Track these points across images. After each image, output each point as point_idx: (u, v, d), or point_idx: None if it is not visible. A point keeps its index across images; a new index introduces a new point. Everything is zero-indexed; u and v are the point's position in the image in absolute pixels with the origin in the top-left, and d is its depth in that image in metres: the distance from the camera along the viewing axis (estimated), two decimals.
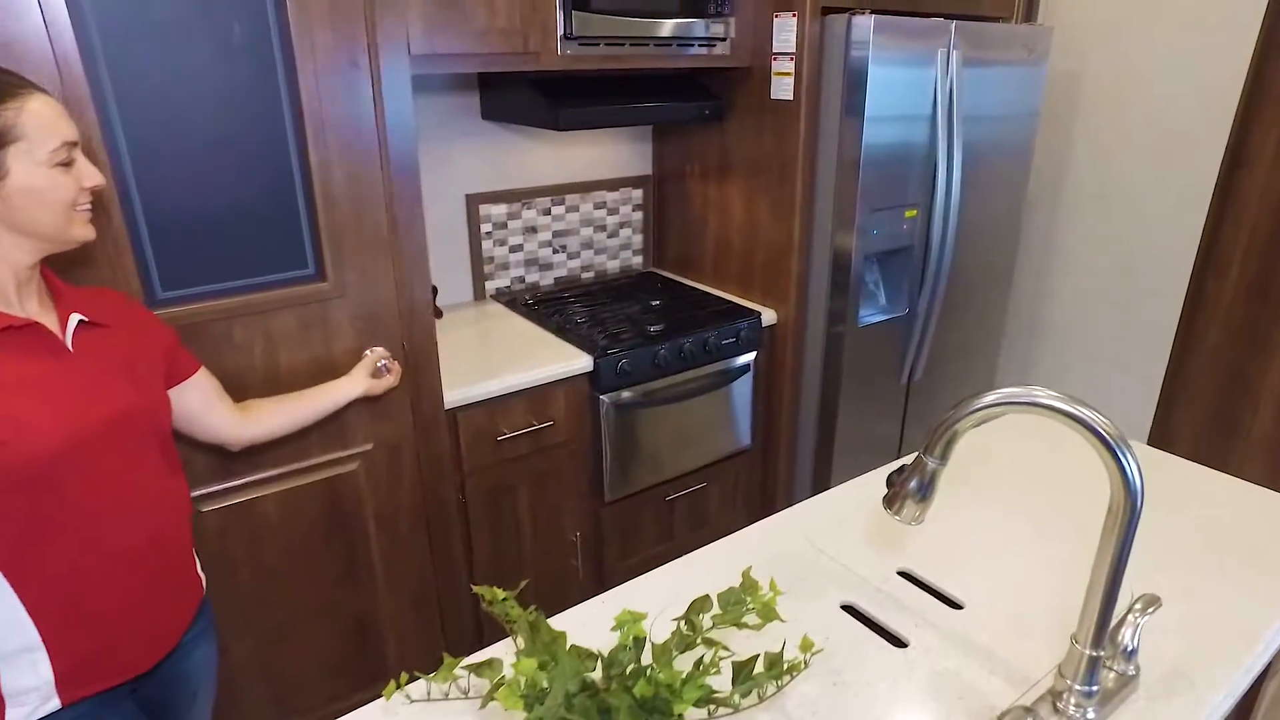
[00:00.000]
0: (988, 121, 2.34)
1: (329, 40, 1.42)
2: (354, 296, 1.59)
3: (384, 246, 1.61)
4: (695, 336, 2.17)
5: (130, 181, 1.31)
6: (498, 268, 2.49)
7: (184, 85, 1.31)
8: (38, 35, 1.18)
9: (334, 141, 1.49)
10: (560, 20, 1.85)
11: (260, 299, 1.49)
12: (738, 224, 2.42)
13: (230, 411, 1.34)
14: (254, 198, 1.44)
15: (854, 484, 1.46)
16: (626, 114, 2.07)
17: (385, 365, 1.61)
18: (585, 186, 2.58)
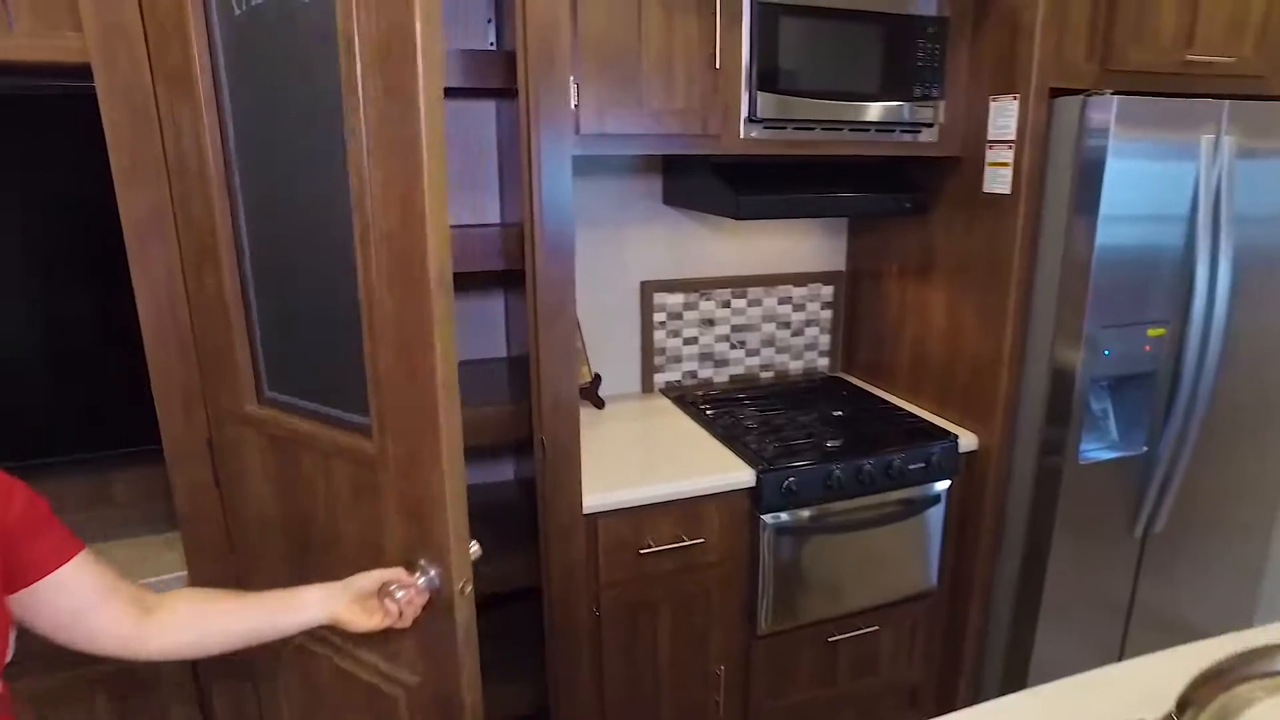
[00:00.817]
0: (1268, 224, 1.91)
1: None
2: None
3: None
4: (879, 458, 1.89)
5: (249, 281, 1.28)
6: (669, 360, 2.35)
7: (302, 187, 1.20)
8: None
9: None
10: (744, 101, 1.72)
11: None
12: (938, 331, 2.13)
13: (125, 614, 0.96)
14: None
15: (1069, 686, 1.12)
16: (815, 204, 1.88)
17: (399, 594, 1.10)
18: (770, 280, 2.40)
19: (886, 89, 1.82)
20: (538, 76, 1.39)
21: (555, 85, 1.40)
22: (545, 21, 1.37)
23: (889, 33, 1.78)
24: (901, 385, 2.30)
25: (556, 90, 1.40)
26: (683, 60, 1.66)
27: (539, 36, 1.37)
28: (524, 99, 1.41)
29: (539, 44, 1.37)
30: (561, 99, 1.41)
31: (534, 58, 1.38)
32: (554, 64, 1.39)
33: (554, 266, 1.48)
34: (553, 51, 1.38)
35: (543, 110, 1.40)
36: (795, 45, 1.71)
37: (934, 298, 2.13)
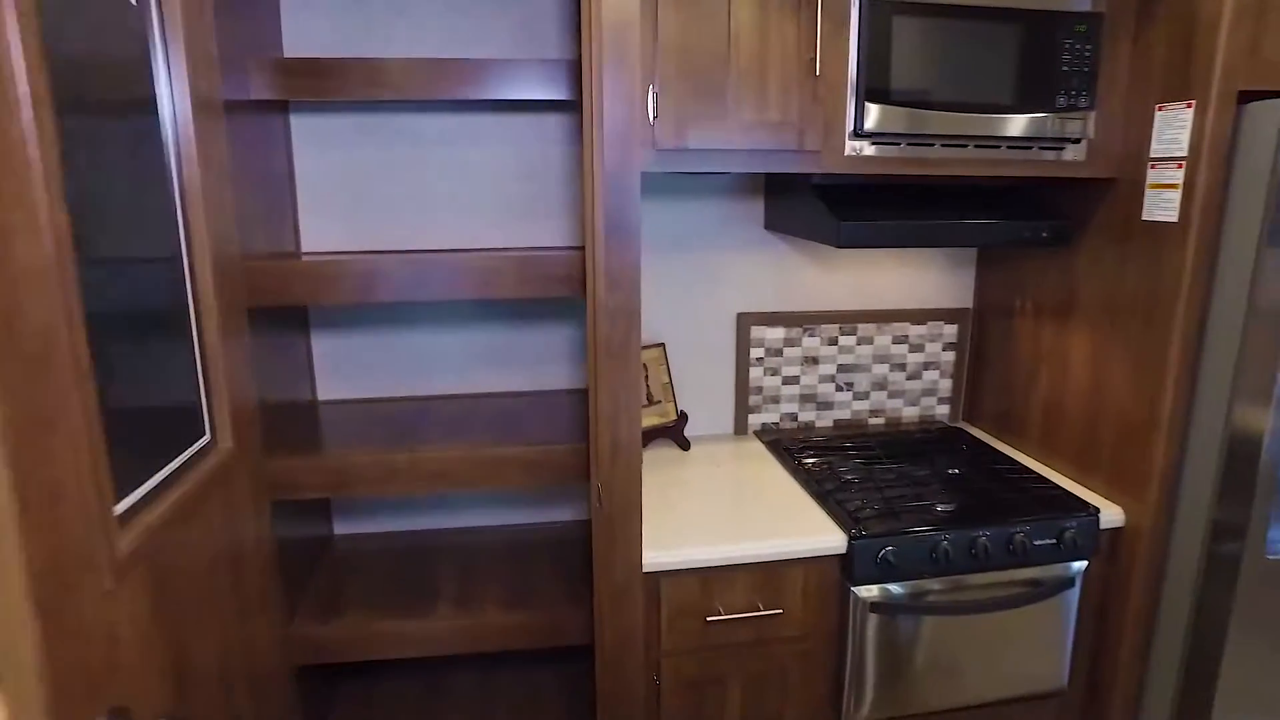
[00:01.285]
0: None
1: None
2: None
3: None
4: (999, 528, 1.61)
5: None
6: (766, 400, 2.13)
7: None
8: None
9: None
10: (849, 114, 1.51)
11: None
12: (1078, 382, 1.81)
13: None
14: None
15: None
16: (930, 233, 1.63)
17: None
18: (885, 316, 2.14)
19: (1024, 99, 1.55)
20: (603, 81, 1.23)
21: (622, 91, 1.24)
22: (616, 19, 1.22)
23: (1028, 33, 1.52)
24: (1033, 443, 1.98)
25: (623, 96, 1.24)
26: (778, 66, 1.47)
27: (608, 37, 1.22)
28: (587, 106, 1.27)
29: (608, 45, 1.22)
30: (629, 106, 1.26)
31: (601, 60, 1.23)
32: (623, 67, 1.24)
33: (616, 296, 1.31)
34: (622, 53, 1.23)
35: (607, 119, 1.25)
36: (912, 49, 1.48)
37: (1075, 344, 1.82)
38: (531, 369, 1.97)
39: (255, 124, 1.53)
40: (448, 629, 1.60)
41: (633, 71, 1.24)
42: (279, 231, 1.66)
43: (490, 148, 1.83)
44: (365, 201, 1.82)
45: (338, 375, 1.91)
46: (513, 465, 1.53)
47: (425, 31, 1.75)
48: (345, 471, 1.50)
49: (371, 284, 1.40)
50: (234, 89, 1.40)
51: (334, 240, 1.83)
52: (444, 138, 1.81)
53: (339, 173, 1.79)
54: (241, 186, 1.42)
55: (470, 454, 1.52)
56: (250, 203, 1.46)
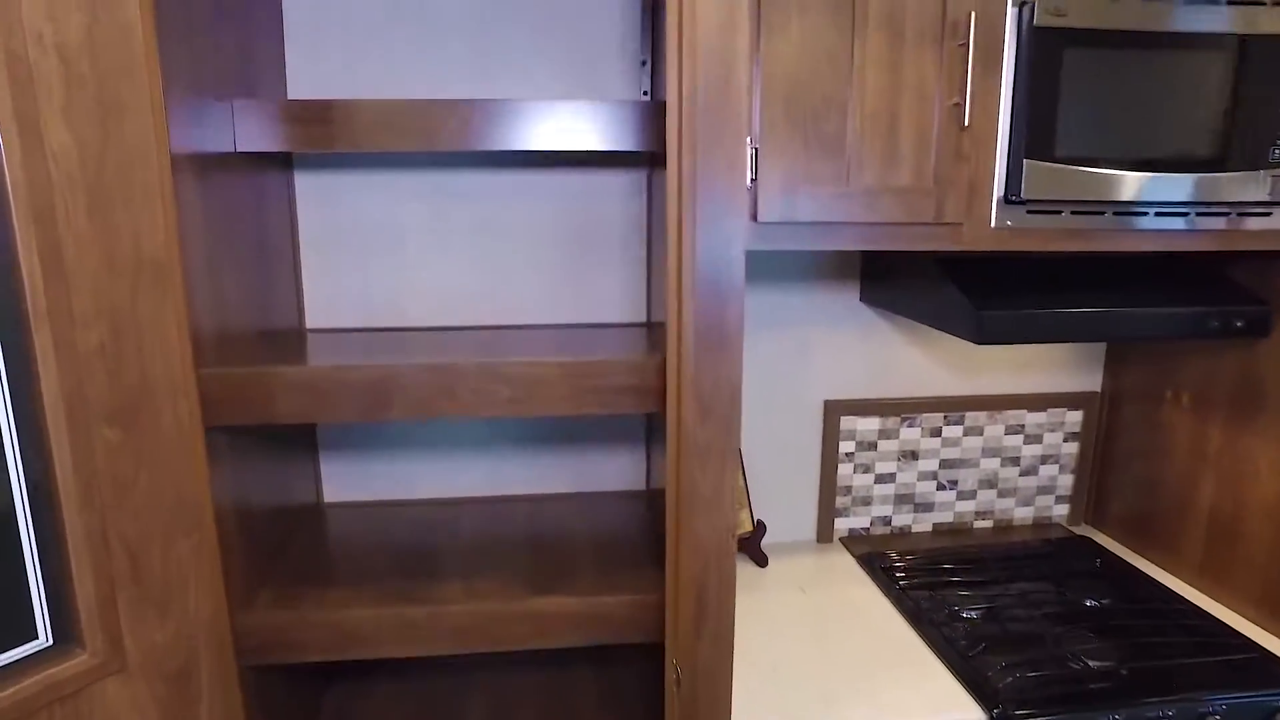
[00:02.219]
0: None
1: None
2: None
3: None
4: (1184, 707, 1.24)
5: None
6: (856, 502, 1.78)
7: None
8: None
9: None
10: (999, 175, 1.17)
11: None
12: (1268, 504, 1.44)
13: None
14: None
15: None
16: (1092, 325, 1.28)
17: None
18: (998, 402, 1.78)
19: (1228, 151, 1.21)
20: (696, 132, 0.91)
21: (723, 148, 0.91)
22: (713, 55, 0.89)
23: (1242, 65, 1.17)
24: (1189, 566, 1.61)
25: (724, 154, 0.92)
26: (912, 115, 1.14)
27: (703, 77, 0.89)
28: (672, 166, 0.94)
29: (703, 88, 0.90)
30: (731, 169, 0.93)
31: (694, 109, 0.90)
32: (726, 114, 0.91)
33: (708, 428, 0.98)
34: (724, 99, 0.90)
35: (701, 185, 0.92)
36: (1086, 90, 1.14)
37: (1262, 456, 1.45)
38: (578, 464, 1.64)
39: (246, 181, 1.22)
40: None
41: (738, 120, 0.91)
42: (276, 304, 1.35)
43: (530, 205, 1.51)
44: (380, 268, 1.50)
45: (347, 478, 1.59)
46: (556, 622, 1.19)
47: (454, 67, 1.44)
48: (346, 628, 1.17)
49: (384, 398, 1.07)
50: (214, 138, 1.09)
51: (345, 313, 1.51)
52: (475, 193, 1.49)
53: (350, 235, 1.48)
54: (222, 256, 1.11)
55: (503, 609, 1.18)
56: (232, 277, 1.15)
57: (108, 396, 0.93)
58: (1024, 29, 1.12)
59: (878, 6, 1.09)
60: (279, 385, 1.06)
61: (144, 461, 0.97)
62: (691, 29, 0.88)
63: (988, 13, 1.11)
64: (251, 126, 1.18)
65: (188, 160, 1.01)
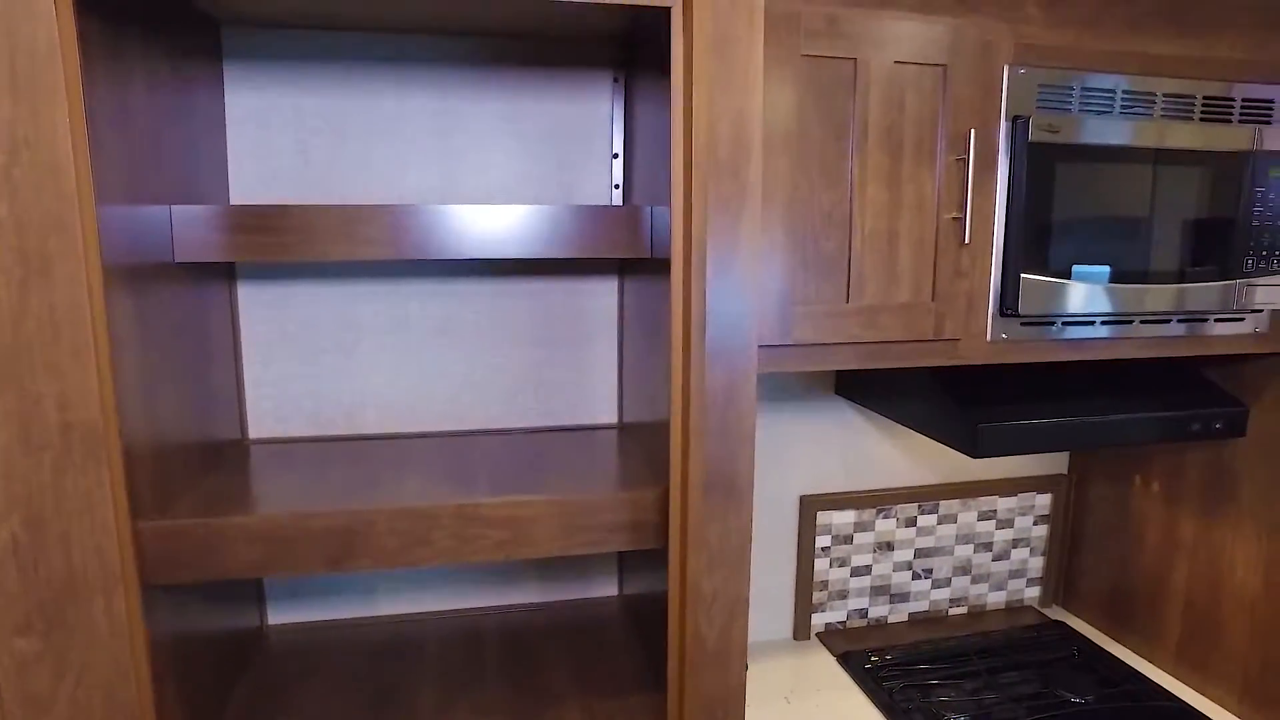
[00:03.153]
0: None
1: None
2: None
3: None
4: None
5: None
6: (833, 596, 1.73)
7: None
8: None
9: None
10: (993, 290, 1.14)
11: None
12: (1244, 595, 1.45)
13: None
14: None
15: None
16: (1085, 433, 1.26)
17: None
18: (970, 489, 1.76)
19: (1205, 262, 1.21)
20: (705, 248, 0.84)
21: (738, 264, 0.85)
22: (731, 159, 0.83)
23: (1217, 180, 1.19)
24: (1169, 653, 1.60)
25: (737, 271, 0.85)
26: (912, 232, 1.10)
27: (715, 185, 0.83)
28: (676, 280, 0.87)
29: (715, 199, 0.84)
30: (741, 287, 0.87)
31: (705, 220, 0.84)
32: (740, 228, 0.85)
33: (717, 577, 0.90)
34: (739, 207, 0.84)
35: (711, 308, 0.86)
36: (1078, 204, 1.13)
37: (1237, 546, 1.46)
38: (547, 580, 1.54)
39: (186, 292, 1.10)
40: None
41: (752, 234, 0.86)
42: (216, 414, 1.22)
43: (494, 304, 1.42)
44: (330, 370, 1.38)
45: (294, 604, 1.45)
46: None
47: (419, 168, 1.34)
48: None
49: (351, 549, 0.96)
50: (151, 249, 0.98)
51: (293, 420, 1.38)
52: (436, 292, 1.39)
53: (298, 337, 1.36)
54: (158, 373, 0.98)
55: None
56: (168, 391, 1.03)
57: (21, 599, 0.79)
58: (1018, 144, 1.10)
59: (876, 121, 1.06)
60: (232, 537, 0.94)
61: (66, 671, 0.83)
62: (707, 132, 0.82)
63: (985, 129, 1.09)
64: (192, 235, 1.06)
65: (120, 275, 0.89)
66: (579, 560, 1.54)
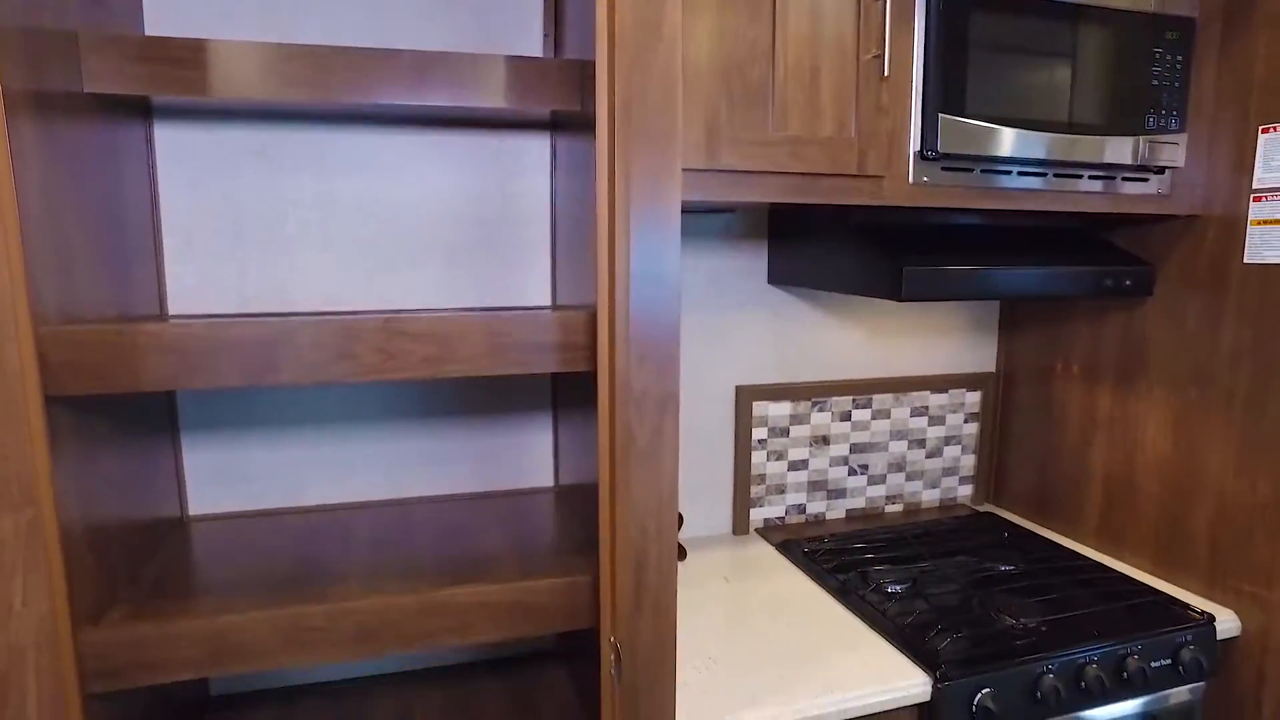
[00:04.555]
0: None
1: None
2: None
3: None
4: (1107, 651, 1.26)
5: None
6: (770, 490, 1.75)
7: None
8: None
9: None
10: (914, 130, 1.17)
11: None
12: (1154, 460, 1.51)
13: None
14: None
15: None
16: (1006, 282, 1.30)
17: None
18: (902, 384, 1.81)
19: (1112, 118, 1.27)
20: (631, 89, 0.85)
21: (655, 102, 0.86)
22: (643, 16, 0.84)
23: (1120, 38, 1.24)
24: (1089, 530, 1.66)
25: (658, 108, 0.86)
26: (833, 68, 1.13)
27: (634, 33, 0.84)
28: (606, 122, 0.88)
29: (633, 44, 0.85)
30: (664, 120, 0.87)
31: (626, 61, 0.85)
32: (654, 72, 0.86)
33: (647, 372, 0.91)
34: (652, 55, 0.85)
35: (636, 130, 0.86)
36: (991, 52, 1.17)
37: (1147, 414, 1.52)
38: (485, 461, 1.52)
39: (94, 133, 1.06)
40: None
41: (669, 76, 0.87)
42: (134, 289, 1.18)
43: (429, 176, 1.40)
44: (257, 248, 1.35)
45: (217, 481, 1.40)
46: (477, 613, 1.07)
47: (344, 18, 1.32)
48: (225, 637, 1.00)
49: (271, 360, 0.94)
50: (58, 76, 0.95)
51: (215, 300, 1.34)
52: (365, 162, 1.37)
53: (221, 207, 1.32)
54: (64, 219, 0.95)
55: (416, 602, 1.05)
56: (79, 245, 0.99)
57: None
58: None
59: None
60: (144, 345, 0.91)
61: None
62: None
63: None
64: (104, 64, 1.03)
65: (23, 100, 0.86)
66: (513, 447, 1.53)
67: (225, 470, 1.37)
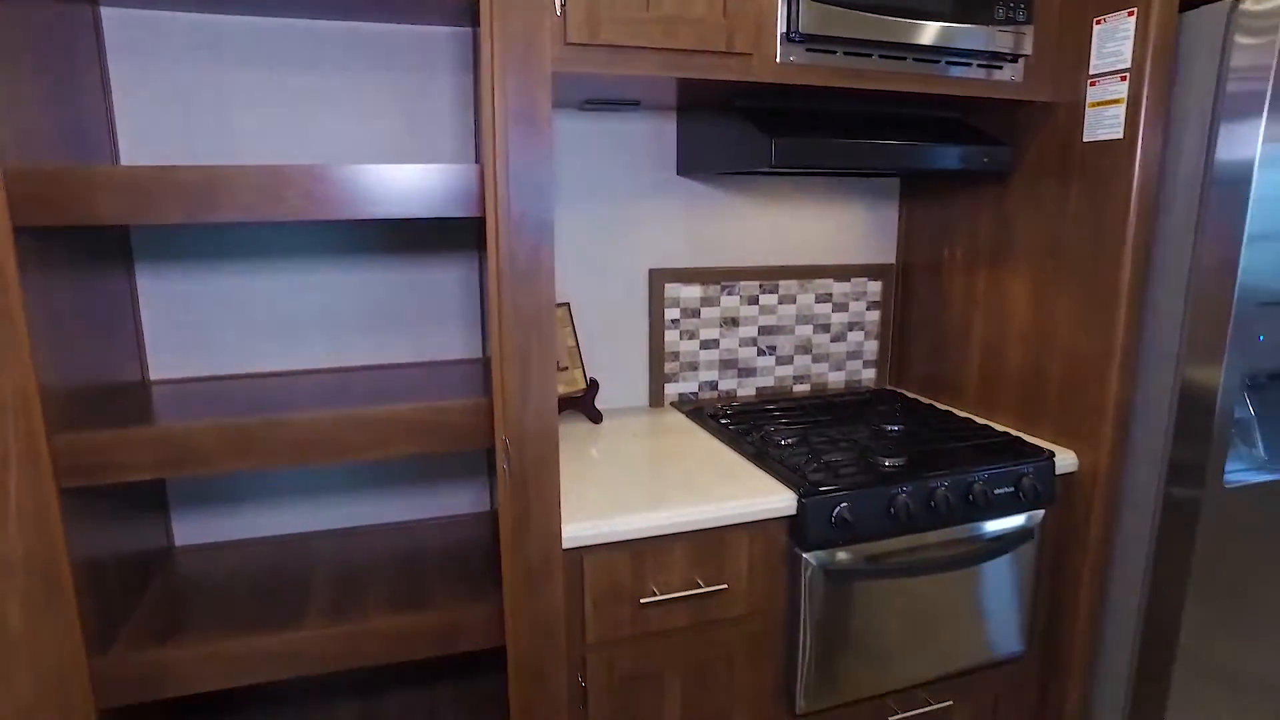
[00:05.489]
0: None
1: None
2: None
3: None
4: (957, 479, 1.45)
5: None
6: (684, 367, 1.93)
7: None
8: None
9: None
10: (781, 11, 1.33)
11: None
12: (1020, 327, 1.70)
13: None
14: None
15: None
16: (868, 154, 1.47)
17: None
18: (806, 272, 1.98)
19: (963, 8, 1.42)
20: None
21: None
22: None
23: None
24: (970, 399, 1.86)
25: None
26: None
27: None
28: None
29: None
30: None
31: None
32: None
33: (522, 201, 1.07)
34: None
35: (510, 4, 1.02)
36: None
37: (1014, 287, 1.71)
38: (418, 334, 1.69)
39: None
40: (319, 640, 1.29)
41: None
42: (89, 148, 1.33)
43: (352, 70, 1.55)
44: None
45: (169, 347, 1.56)
46: (397, 428, 1.25)
47: None
48: (182, 444, 1.18)
49: (211, 199, 1.10)
50: None
51: None
52: (282, 58, 1.51)
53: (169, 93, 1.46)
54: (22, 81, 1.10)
55: (345, 416, 1.23)
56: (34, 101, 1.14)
57: None
58: None
59: None
60: (100, 183, 1.07)
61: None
62: None
63: None
64: None
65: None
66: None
67: (184, 335, 1.53)
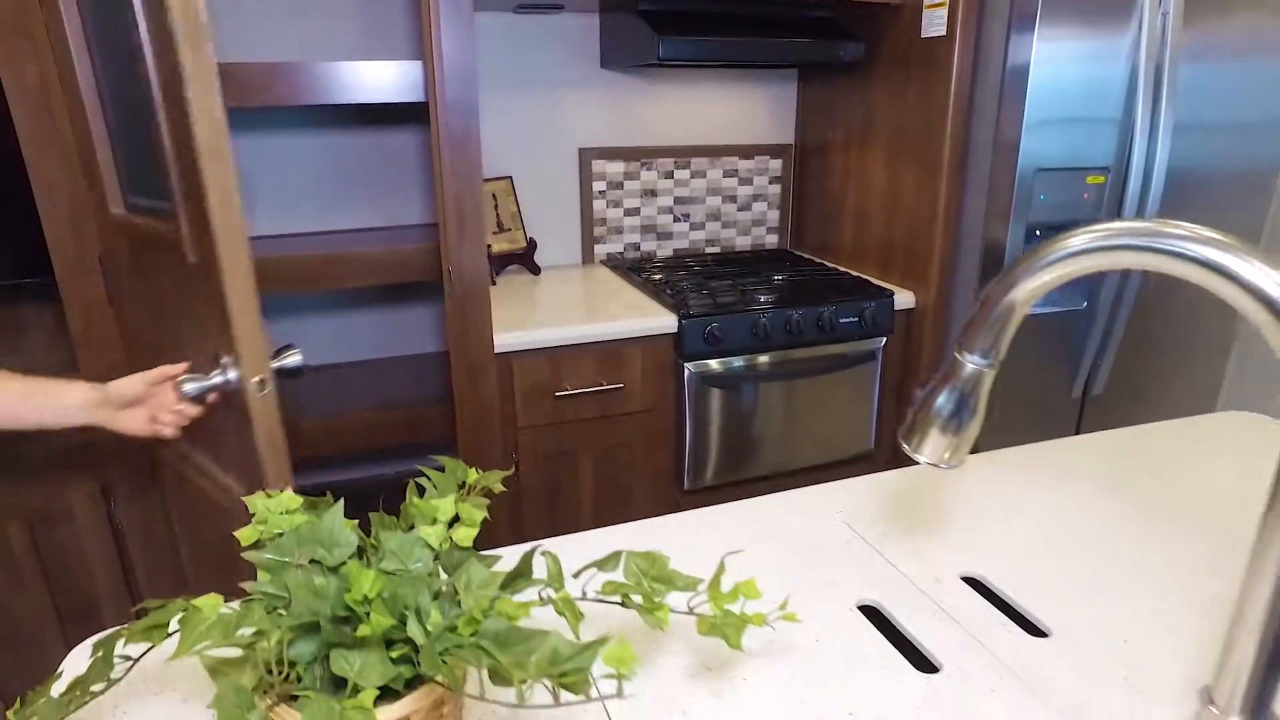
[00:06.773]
0: (1213, 57, 1.82)
1: None
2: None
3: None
4: (810, 309, 1.86)
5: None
6: (610, 231, 2.31)
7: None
8: None
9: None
10: None
11: None
12: (878, 195, 2.07)
13: None
14: None
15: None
16: (742, 50, 1.82)
17: (188, 388, 1.00)
18: (714, 151, 2.34)
19: None
20: None
21: None
22: None
23: None
24: (845, 255, 2.25)
25: None
26: None
27: None
28: None
29: None
30: None
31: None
32: None
33: (456, 87, 1.43)
34: None
35: None
36: None
37: (875, 160, 2.07)
38: (388, 203, 2.05)
39: None
40: (318, 430, 1.72)
41: None
42: None
43: None
44: None
45: None
46: (366, 265, 1.64)
47: None
48: None
49: None
50: None
51: None
52: None
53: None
54: None
55: (323, 256, 1.62)
56: None
57: None
58: None
59: None
60: None
61: None
62: None
63: None
64: None
65: None
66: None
67: None
